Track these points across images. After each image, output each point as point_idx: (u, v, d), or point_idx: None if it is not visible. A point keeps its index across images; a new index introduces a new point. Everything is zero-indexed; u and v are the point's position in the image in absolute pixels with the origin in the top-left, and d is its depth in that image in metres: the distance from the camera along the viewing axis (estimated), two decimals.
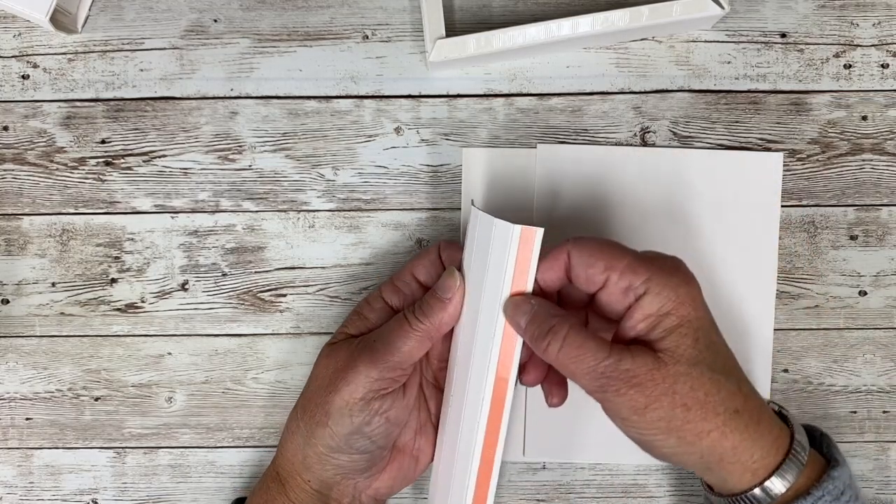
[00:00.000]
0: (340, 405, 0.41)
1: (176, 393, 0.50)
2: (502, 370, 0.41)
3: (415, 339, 0.42)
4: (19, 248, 0.49)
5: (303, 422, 0.43)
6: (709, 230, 0.49)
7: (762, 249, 0.49)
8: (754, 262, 0.49)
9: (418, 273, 0.45)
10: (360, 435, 0.42)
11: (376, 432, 0.42)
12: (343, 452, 0.42)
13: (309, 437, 0.43)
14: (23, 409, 0.50)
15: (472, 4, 0.49)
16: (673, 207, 0.49)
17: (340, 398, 0.41)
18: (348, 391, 0.41)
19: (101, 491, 0.50)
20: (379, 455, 0.44)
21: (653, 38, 0.49)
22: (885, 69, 0.50)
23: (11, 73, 0.49)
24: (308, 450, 0.43)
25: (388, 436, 0.43)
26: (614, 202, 0.49)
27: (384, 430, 0.43)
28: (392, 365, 0.42)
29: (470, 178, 0.49)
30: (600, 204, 0.49)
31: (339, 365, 0.42)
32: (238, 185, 0.49)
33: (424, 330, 0.42)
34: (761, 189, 0.49)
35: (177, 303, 0.50)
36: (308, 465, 0.43)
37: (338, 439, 0.42)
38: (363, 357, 0.42)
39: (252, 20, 0.49)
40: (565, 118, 0.49)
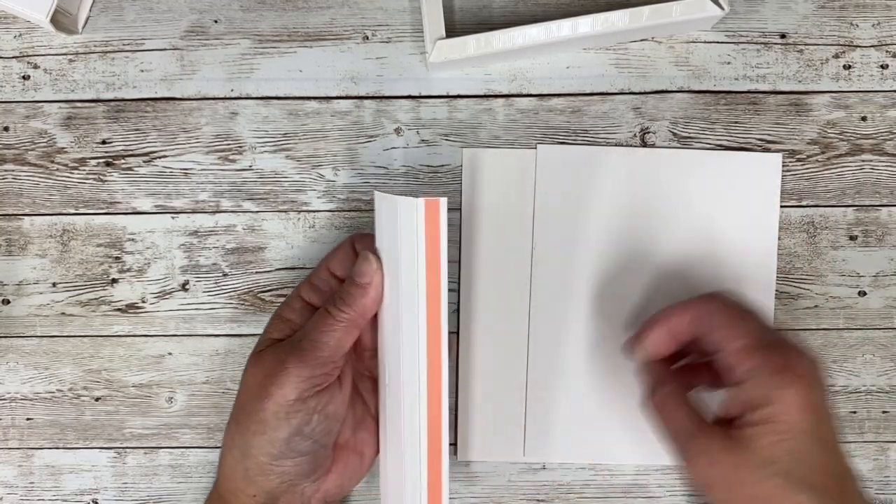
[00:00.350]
0: (275, 409, 0.41)
1: (176, 393, 0.50)
2: (433, 350, 0.41)
3: (340, 329, 0.42)
4: (20, 248, 0.49)
5: (238, 434, 0.42)
6: (708, 230, 0.49)
7: (761, 250, 0.49)
8: (753, 263, 0.49)
9: (334, 268, 0.45)
10: (301, 436, 0.41)
11: (317, 430, 0.42)
12: (286, 458, 0.41)
13: (247, 448, 0.42)
14: (23, 409, 0.50)
15: (472, 5, 0.49)
16: (672, 208, 0.49)
17: (274, 402, 0.41)
18: (282, 394, 0.41)
19: (102, 491, 0.50)
20: (323, 455, 0.43)
21: (653, 39, 0.50)
22: (884, 70, 0.50)
23: (12, 73, 0.49)
24: (248, 462, 0.42)
25: (330, 433, 0.43)
26: (614, 203, 0.49)
27: (325, 428, 0.42)
28: (322, 360, 0.41)
29: (470, 178, 0.49)
30: (600, 205, 0.49)
31: (268, 370, 0.41)
32: (238, 186, 0.49)
33: (348, 319, 0.42)
34: (760, 190, 0.49)
35: (177, 303, 0.50)
36: (251, 479, 0.42)
37: (278, 445, 0.41)
38: (292, 357, 0.41)
39: (252, 21, 0.49)
40: (565, 119, 0.49)
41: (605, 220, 0.49)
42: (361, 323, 0.43)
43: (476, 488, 0.50)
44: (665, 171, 0.49)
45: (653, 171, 0.49)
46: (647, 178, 0.49)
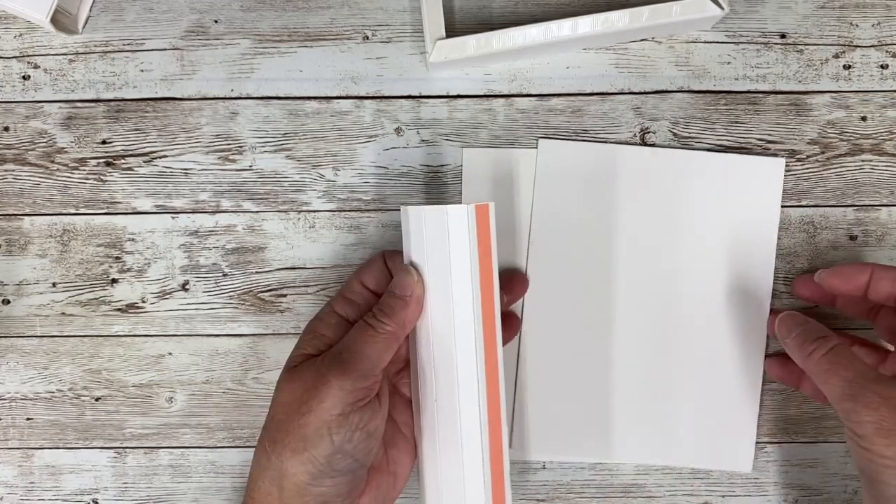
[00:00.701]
0: (317, 425, 0.39)
1: (176, 393, 0.50)
2: (490, 356, 0.41)
3: (381, 342, 0.41)
4: (20, 248, 0.49)
5: (274, 454, 0.40)
6: (708, 232, 0.49)
7: (760, 253, 0.49)
8: (752, 266, 0.49)
9: (367, 282, 0.44)
10: (343, 454, 0.40)
11: (359, 448, 0.40)
12: (326, 476, 0.39)
13: (285, 469, 0.39)
14: (23, 409, 0.50)
15: (472, 5, 0.50)
16: (672, 208, 0.49)
17: (316, 418, 0.39)
18: (324, 409, 0.39)
19: (102, 491, 0.50)
20: (360, 476, 0.41)
21: (653, 39, 0.50)
22: (884, 70, 0.50)
23: (12, 73, 0.49)
24: (284, 482, 0.40)
25: (369, 452, 0.41)
26: (615, 202, 0.49)
27: (366, 446, 0.40)
28: (364, 373, 0.40)
29: (470, 178, 0.49)
30: (600, 203, 0.49)
31: (308, 385, 0.40)
32: (238, 186, 0.49)
33: (390, 331, 0.41)
34: (762, 193, 0.49)
35: (177, 303, 0.50)
36: (285, 502, 0.40)
37: (319, 464, 0.39)
38: (333, 370, 0.40)
39: (252, 21, 0.49)
40: (565, 119, 0.49)
41: (605, 220, 0.49)
42: (401, 336, 0.42)
43: None
44: (667, 171, 0.49)
45: (655, 170, 0.49)
46: (649, 177, 0.49)
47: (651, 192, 0.49)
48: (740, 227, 0.49)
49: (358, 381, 0.40)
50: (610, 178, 0.49)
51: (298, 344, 0.43)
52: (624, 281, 0.49)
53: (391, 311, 0.41)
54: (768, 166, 0.49)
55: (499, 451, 0.42)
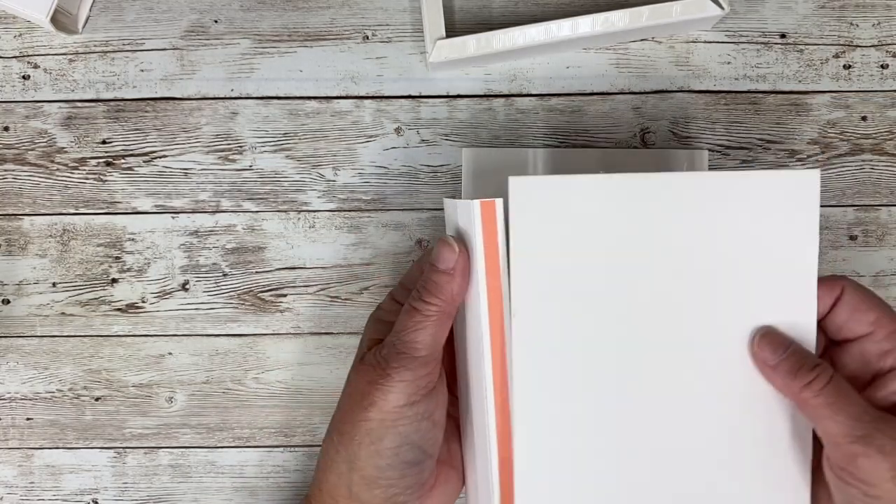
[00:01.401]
0: (381, 417, 0.38)
1: (176, 393, 0.50)
2: (497, 357, 0.40)
3: (432, 324, 0.39)
4: (20, 248, 0.49)
5: (342, 446, 0.40)
6: (733, 268, 0.39)
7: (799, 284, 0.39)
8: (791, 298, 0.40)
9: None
10: (410, 445, 0.39)
11: (426, 438, 0.39)
12: (394, 469, 0.39)
13: (353, 461, 0.39)
14: (23, 409, 0.50)
15: (472, 5, 0.50)
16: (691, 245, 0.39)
17: (379, 410, 0.38)
18: (386, 401, 0.38)
19: (102, 491, 0.50)
20: (429, 467, 0.40)
21: (653, 39, 0.50)
22: (884, 69, 0.50)
23: (12, 73, 0.49)
24: (354, 475, 0.39)
25: (436, 441, 0.40)
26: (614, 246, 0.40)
27: (433, 435, 0.40)
28: (422, 360, 0.39)
29: (470, 178, 0.49)
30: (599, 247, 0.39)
31: (370, 377, 0.39)
32: (238, 186, 0.49)
33: (438, 311, 0.39)
34: (795, 215, 0.39)
35: (177, 303, 0.50)
36: (355, 495, 0.39)
37: (387, 455, 0.39)
38: (392, 362, 0.39)
39: (252, 21, 0.49)
40: (565, 118, 0.49)
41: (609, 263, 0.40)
42: (452, 312, 0.40)
43: None
44: (679, 200, 0.39)
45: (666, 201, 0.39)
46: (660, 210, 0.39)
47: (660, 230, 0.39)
48: (771, 257, 0.39)
49: (418, 370, 0.39)
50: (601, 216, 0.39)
51: (364, 333, 0.43)
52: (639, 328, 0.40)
53: (436, 288, 0.39)
54: (800, 181, 0.39)
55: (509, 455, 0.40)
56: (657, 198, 0.39)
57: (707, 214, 0.39)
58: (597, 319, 0.39)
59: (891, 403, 0.37)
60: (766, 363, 0.38)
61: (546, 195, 0.39)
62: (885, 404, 0.37)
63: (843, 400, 0.36)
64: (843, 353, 0.40)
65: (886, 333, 0.38)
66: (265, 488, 0.50)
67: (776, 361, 0.38)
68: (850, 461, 0.36)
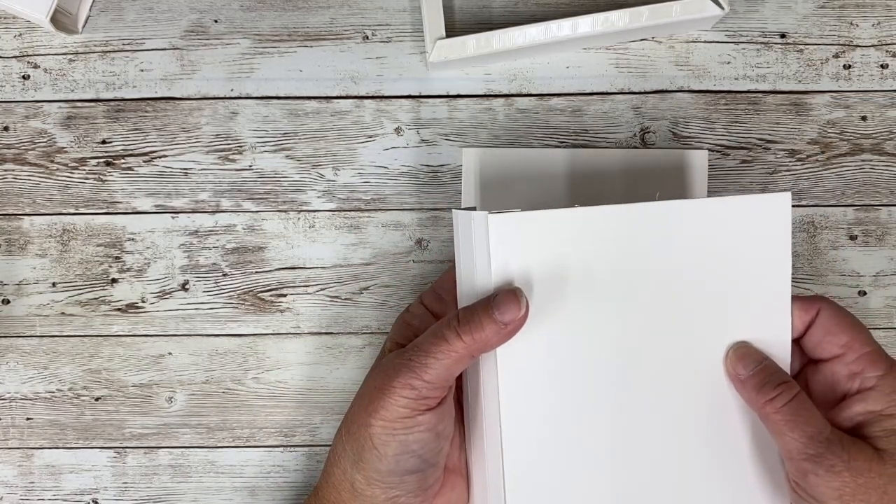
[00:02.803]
0: (383, 425, 0.39)
1: (176, 393, 0.50)
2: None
3: (454, 359, 0.38)
4: (20, 248, 0.49)
5: (349, 445, 0.40)
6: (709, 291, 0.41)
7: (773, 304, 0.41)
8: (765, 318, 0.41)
9: None
10: (409, 454, 0.39)
11: (427, 449, 0.39)
12: (394, 475, 0.39)
13: (357, 461, 0.40)
14: (23, 409, 0.50)
15: (472, 5, 0.50)
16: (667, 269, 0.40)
17: (381, 419, 0.39)
18: (388, 412, 0.38)
19: (102, 491, 0.50)
20: (432, 476, 0.40)
21: (653, 39, 0.50)
22: (884, 69, 0.50)
23: (12, 73, 0.49)
24: (356, 475, 0.40)
25: (439, 452, 0.40)
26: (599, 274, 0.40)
27: (434, 446, 0.40)
28: (430, 383, 0.38)
29: (470, 178, 0.49)
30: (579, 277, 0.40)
31: (378, 383, 0.39)
32: (238, 186, 0.49)
33: (466, 351, 0.38)
34: (766, 238, 0.40)
35: (177, 303, 0.50)
36: (357, 493, 0.40)
37: (387, 461, 0.39)
38: (400, 376, 0.38)
39: (252, 20, 0.49)
40: (565, 118, 0.49)
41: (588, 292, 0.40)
42: (478, 354, 0.39)
43: None
44: (655, 228, 0.40)
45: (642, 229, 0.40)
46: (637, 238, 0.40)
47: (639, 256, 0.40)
48: (748, 278, 0.41)
49: (422, 391, 0.38)
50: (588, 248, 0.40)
51: (389, 334, 0.43)
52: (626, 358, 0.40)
53: (479, 332, 0.37)
54: (772, 204, 0.40)
55: None
56: (635, 226, 0.40)
57: (684, 240, 0.40)
58: (580, 342, 0.40)
59: (853, 424, 0.39)
60: (737, 377, 0.40)
61: (524, 229, 0.39)
62: (848, 425, 0.39)
63: (802, 418, 0.37)
64: (817, 372, 0.41)
65: (856, 356, 0.39)
66: (265, 488, 0.50)
67: (746, 376, 0.39)
68: (802, 477, 0.37)
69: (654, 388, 0.40)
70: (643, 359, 0.40)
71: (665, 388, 0.40)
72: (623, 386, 0.40)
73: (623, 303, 0.40)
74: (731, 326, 0.41)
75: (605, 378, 0.40)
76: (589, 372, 0.40)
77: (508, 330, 0.38)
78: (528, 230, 0.39)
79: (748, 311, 0.41)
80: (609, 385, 0.40)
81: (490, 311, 0.37)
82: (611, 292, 0.40)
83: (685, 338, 0.40)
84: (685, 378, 0.41)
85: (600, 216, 0.39)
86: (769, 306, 0.41)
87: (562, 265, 0.39)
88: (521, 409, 0.39)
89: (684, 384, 0.41)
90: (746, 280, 0.40)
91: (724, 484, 0.41)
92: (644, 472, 0.40)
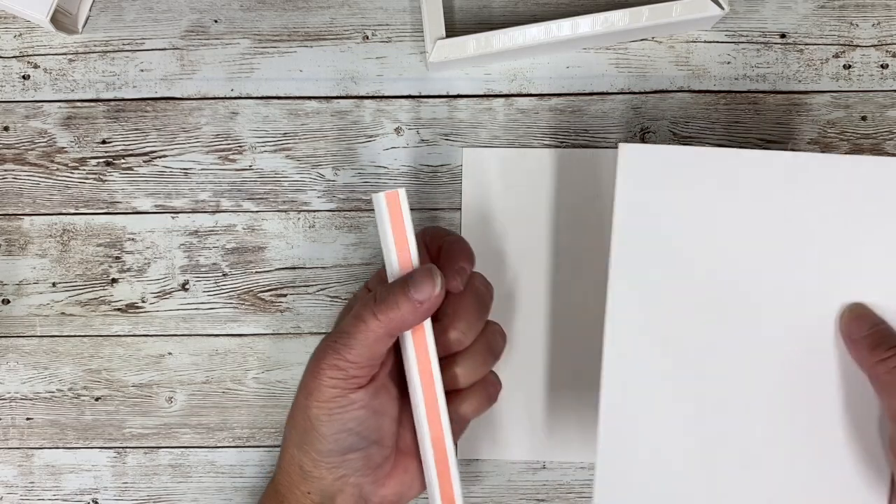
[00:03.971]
0: (318, 405, 0.40)
1: (176, 393, 0.50)
2: (420, 347, 0.40)
3: (372, 338, 0.39)
4: (20, 248, 0.49)
5: (293, 430, 0.42)
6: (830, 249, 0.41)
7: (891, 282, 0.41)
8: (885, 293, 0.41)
9: None
10: (347, 432, 0.40)
11: (364, 426, 0.40)
12: (334, 454, 0.40)
13: (301, 443, 0.41)
14: (23, 409, 0.50)
15: (472, 5, 0.50)
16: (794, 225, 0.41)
17: (315, 400, 0.40)
18: (320, 394, 0.39)
19: (102, 491, 0.50)
20: (378, 454, 0.41)
21: (653, 39, 0.50)
22: (884, 69, 0.50)
23: (12, 73, 0.49)
24: (303, 457, 0.41)
25: (379, 429, 0.41)
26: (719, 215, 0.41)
27: (372, 423, 0.40)
28: (356, 362, 0.39)
29: (470, 178, 0.49)
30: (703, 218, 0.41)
31: (310, 366, 0.40)
32: (238, 186, 0.49)
33: (383, 331, 0.39)
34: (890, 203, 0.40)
35: (177, 303, 0.50)
36: (306, 474, 0.41)
37: (326, 441, 0.40)
38: (326, 357, 0.39)
39: (252, 20, 0.49)
40: (565, 118, 0.49)
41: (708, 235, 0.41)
42: (397, 333, 0.40)
43: (476, 488, 0.50)
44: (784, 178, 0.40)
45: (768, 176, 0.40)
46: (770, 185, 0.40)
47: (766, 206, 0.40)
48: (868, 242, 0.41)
49: (349, 370, 0.39)
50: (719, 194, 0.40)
51: (337, 321, 0.44)
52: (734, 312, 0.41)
53: (395, 311, 0.39)
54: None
55: (442, 451, 0.41)
56: (766, 174, 0.40)
57: (815, 194, 0.40)
58: (692, 290, 0.40)
59: None
60: (850, 336, 0.40)
61: (653, 163, 0.40)
62: None
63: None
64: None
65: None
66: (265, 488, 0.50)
67: (860, 336, 0.39)
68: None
69: (763, 344, 0.40)
70: (750, 308, 0.40)
71: (770, 342, 0.40)
72: (731, 337, 0.40)
73: (743, 249, 0.40)
74: (852, 286, 0.40)
75: (713, 327, 0.40)
76: (697, 317, 0.40)
77: (425, 308, 0.39)
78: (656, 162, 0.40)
79: (867, 273, 0.40)
80: (716, 336, 0.40)
81: (406, 290, 0.39)
82: (733, 236, 0.40)
83: (798, 292, 0.41)
84: (793, 334, 0.40)
85: (735, 157, 0.40)
86: (889, 271, 0.40)
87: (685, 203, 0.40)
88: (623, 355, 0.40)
89: (791, 339, 0.40)
90: (870, 242, 0.40)
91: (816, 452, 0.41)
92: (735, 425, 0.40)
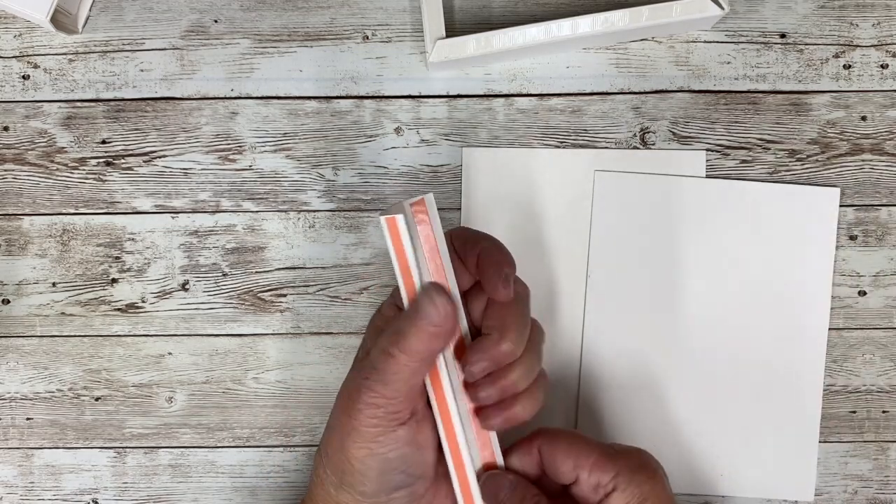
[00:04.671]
0: (359, 446, 0.37)
1: (176, 393, 0.50)
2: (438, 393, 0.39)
3: (406, 372, 0.37)
4: (20, 248, 0.49)
5: (329, 468, 0.39)
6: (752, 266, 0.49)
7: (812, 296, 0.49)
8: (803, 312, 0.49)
9: None
10: (393, 471, 0.38)
11: (409, 462, 0.38)
12: (381, 493, 0.38)
13: (340, 484, 0.39)
14: (23, 409, 0.50)
15: (472, 5, 0.50)
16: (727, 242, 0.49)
17: (354, 441, 0.37)
18: (360, 436, 0.37)
19: (102, 491, 0.50)
20: (421, 486, 0.39)
21: (653, 39, 0.50)
22: (884, 69, 0.50)
23: (12, 73, 0.49)
24: (342, 497, 0.39)
25: (424, 462, 0.39)
26: (675, 234, 0.49)
27: (418, 458, 0.39)
28: (396, 400, 0.37)
29: (470, 178, 0.49)
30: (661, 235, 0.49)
31: (345, 403, 0.38)
32: (238, 186, 0.49)
33: (413, 361, 0.37)
34: (814, 230, 0.49)
35: (177, 303, 0.50)
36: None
37: (371, 483, 0.38)
38: (362, 395, 0.37)
39: (252, 20, 0.49)
40: (565, 118, 0.49)
41: (667, 248, 0.49)
42: (425, 365, 0.38)
43: None
44: (720, 203, 0.49)
45: (708, 200, 0.49)
46: (707, 208, 0.49)
47: (709, 225, 0.49)
48: (792, 264, 0.49)
49: (388, 406, 0.37)
50: (670, 211, 0.49)
51: (364, 339, 0.42)
52: (684, 309, 0.49)
53: (413, 342, 0.36)
54: (821, 197, 0.49)
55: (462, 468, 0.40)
56: (711, 199, 0.49)
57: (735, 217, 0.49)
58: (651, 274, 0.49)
59: None
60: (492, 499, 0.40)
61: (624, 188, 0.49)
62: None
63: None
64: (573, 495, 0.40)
65: (588, 471, 0.39)
66: (265, 488, 0.50)
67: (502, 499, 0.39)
68: None
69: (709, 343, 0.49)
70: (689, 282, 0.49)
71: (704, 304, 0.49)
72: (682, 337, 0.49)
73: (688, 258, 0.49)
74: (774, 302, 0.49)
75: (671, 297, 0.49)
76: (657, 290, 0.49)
77: (445, 329, 0.37)
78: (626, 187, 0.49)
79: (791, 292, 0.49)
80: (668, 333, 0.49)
81: (416, 321, 0.37)
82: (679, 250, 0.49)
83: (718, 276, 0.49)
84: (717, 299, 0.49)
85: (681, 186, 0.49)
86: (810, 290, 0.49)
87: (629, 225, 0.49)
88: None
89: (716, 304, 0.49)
90: (793, 261, 0.49)
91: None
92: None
